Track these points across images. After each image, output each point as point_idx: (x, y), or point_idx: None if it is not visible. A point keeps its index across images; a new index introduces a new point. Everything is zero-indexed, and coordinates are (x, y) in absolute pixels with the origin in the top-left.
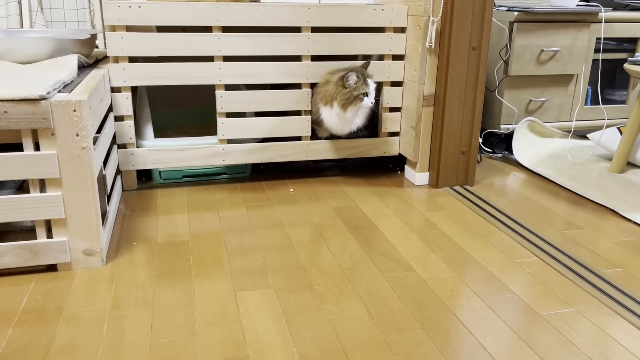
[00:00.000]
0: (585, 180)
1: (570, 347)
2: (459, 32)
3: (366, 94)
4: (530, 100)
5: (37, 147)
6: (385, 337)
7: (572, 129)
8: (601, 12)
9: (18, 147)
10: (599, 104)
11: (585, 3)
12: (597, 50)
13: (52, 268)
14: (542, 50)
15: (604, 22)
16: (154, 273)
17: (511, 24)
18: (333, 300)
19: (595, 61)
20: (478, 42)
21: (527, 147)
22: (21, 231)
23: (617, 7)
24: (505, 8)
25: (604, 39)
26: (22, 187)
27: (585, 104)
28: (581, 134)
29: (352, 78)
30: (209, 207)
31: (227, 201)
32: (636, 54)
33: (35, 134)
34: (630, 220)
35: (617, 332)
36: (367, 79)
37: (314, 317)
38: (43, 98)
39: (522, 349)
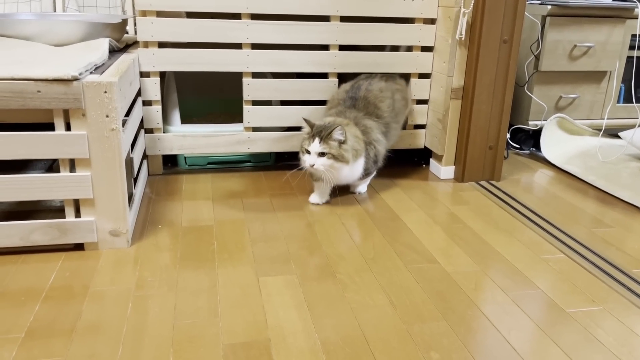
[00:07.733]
0: (615, 179)
1: (597, 345)
2: (491, 24)
3: (308, 152)
4: (561, 97)
5: (67, 127)
6: (407, 327)
7: (603, 127)
8: (637, 8)
9: (49, 127)
10: (632, 102)
11: None
12: (632, 47)
13: (79, 247)
14: (575, 46)
15: None
16: (178, 256)
17: (544, 17)
18: (355, 289)
19: (629, 58)
20: (509, 35)
21: (555, 144)
22: (50, 210)
23: None
24: (539, 1)
25: None
26: (51, 167)
27: (618, 102)
28: (612, 133)
29: (305, 128)
30: (233, 194)
31: (251, 189)
32: None
33: (66, 114)
34: None
35: None
36: (315, 139)
37: (336, 304)
38: (75, 79)
39: (547, 344)
